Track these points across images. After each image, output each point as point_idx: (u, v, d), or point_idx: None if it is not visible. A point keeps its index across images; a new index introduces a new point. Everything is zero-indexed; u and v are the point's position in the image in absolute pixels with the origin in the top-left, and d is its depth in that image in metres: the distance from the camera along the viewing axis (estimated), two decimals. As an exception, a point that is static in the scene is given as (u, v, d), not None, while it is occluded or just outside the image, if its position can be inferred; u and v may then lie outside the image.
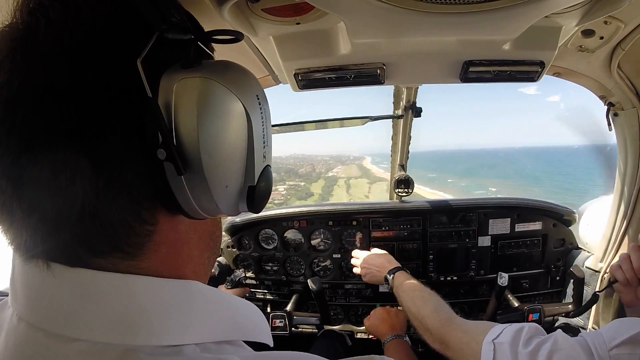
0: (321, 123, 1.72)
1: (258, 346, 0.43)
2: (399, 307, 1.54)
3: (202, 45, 0.40)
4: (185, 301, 0.38)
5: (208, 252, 0.45)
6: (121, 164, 0.32)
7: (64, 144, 0.31)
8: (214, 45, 0.45)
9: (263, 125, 0.39)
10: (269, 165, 0.41)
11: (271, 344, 0.46)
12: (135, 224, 0.34)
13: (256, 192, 0.39)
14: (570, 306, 1.47)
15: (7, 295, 0.39)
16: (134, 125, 0.33)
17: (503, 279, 1.44)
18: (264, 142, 0.39)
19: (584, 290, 1.46)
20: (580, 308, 1.41)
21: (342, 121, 1.76)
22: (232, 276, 1.63)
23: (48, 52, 0.31)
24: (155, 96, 0.33)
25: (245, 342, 0.43)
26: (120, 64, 0.32)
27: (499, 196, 1.78)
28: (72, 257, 0.33)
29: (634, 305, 0.90)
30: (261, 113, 0.38)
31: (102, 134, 0.32)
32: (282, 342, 1.58)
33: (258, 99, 0.38)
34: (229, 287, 1.60)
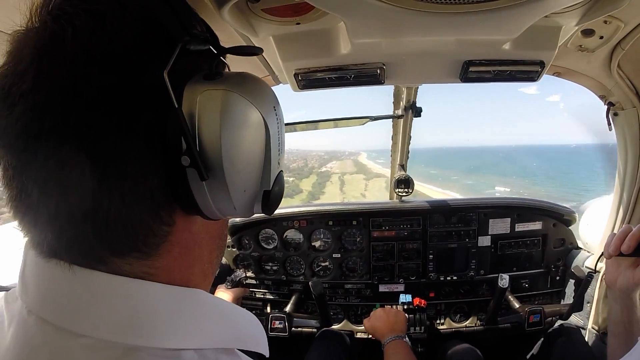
0: (320, 123, 1.72)
1: (254, 355, 0.45)
2: (398, 307, 1.54)
3: (222, 59, 0.41)
4: (188, 308, 0.39)
5: (217, 251, 0.47)
6: (145, 168, 0.34)
7: (91, 150, 0.32)
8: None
9: (279, 134, 0.41)
10: (282, 171, 0.43)
11: (267, 355, 0.48)
12: (154, 225, 0.36)
13: (271, 196, 0.42)
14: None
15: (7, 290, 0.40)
16: (158, 132, 0.34)
17: (504, 280, 1.44)
18: (279, 150, 0.41)
19: (584, 289, 1.46)
20: (574, 300, 1.41)
21: (341, 121, 1.76)
22: (232, 276, 1.63)
23: (75, 60, 0.32)
24: (180, 106, 0.35)
25: (242, 350, 0.44)
26: (145, 74, 0.34)
27: (499, 196, 1.79)
28: (91, 256, 0.35)
29: (612, 288, 0.91)
30: (277, 123, 0.41)
31: (128, 140, 0.33)
32: (281, 343, 1.58)
33: (275, 109, 0.40)
34: (229, 286, 1.60)
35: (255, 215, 0.43)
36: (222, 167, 0.36)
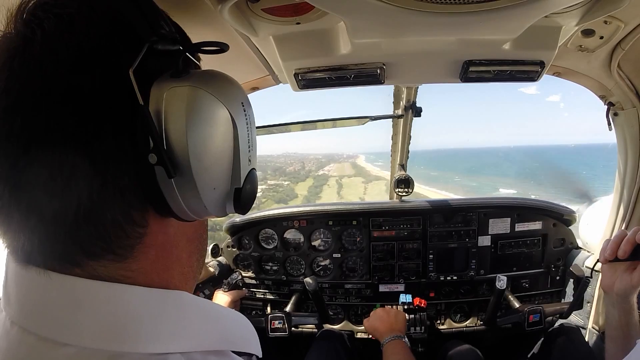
0: (320, 123, 1.72)
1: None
2: (398, 307, 1.54)
3: (189, 56, 0.42)
4: (171, 310, 0.39)
5: (196, 254, 0.46)
6: (114, 167, 0.34)
7: (60, 149, 0.32)
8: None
9: (248, 130, 0.41)
10: (254, 169, 0.43)
11: (260, 355, 0.47)
12: (126, 226, 0.36)
13: (242, 194, 0.41)
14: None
15: None
16: (126, 130, 0.34)
17: (501, 282, 1.44)
18: (249, 147, 0.41)
19: (584, 287, 1.46)
20: (573, 300, 1.41)
21: (341, 121, 1.76)
22: (228, 279, 1.63)
23: (44, 62, 0.32)
24: (147, 104, 0.35)
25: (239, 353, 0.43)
26: (113, 74, 0.34)
27: (499, 196, 1.80)
28: (66, 259, 0.35)
29: (609, 292, 0.90)
30: (246, 119, 0.40)
31: (96, 140, 0.33)
32: (282, 343, 1.58)
33: (243, 105, 0.40)
34: (226, 289, 1.60)
35: (256, 215, 0.43)
36: (190, 164, 0.36)
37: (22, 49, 0.33)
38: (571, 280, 1.60)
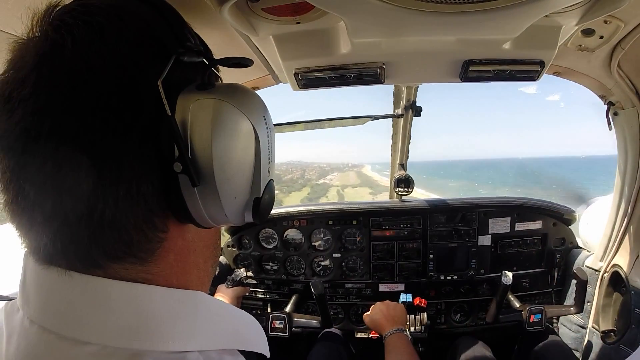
0: (320, 123, 1.72)
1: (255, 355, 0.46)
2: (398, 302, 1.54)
3: (213, 70, 0.43)
4: (191, 310, 0.40)
5: (211, 260, 0.48)
6: (139, 175, 0.35)
7: (88, 152, 0.33)
8: (213, 43, 0.46)
9: (269, 143, 0.42)
10: (272, 179, 0.45)
11: (268, 355, 0.49)
12: (148, 231, 0.37)
13: (261, 204, 0.43)
14: (572, 308, 1.47)
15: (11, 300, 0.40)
16: (152, 139, 0.36)
17: (507, 277, 1.43)
18: (269, 158, 0.43)
19: (586, 291, 1.46)
20: (576, 303, 1.41)
21: (341, 121, 1.76)
22: (233, 275, 1.63)
23: (75, 68, 0.33)
24: (173, 114, 0.36)
25: (241, 351, 0.45)
26: (141, 83, 0.35)
27: (499, 196, 1.81)
28: (88, 261, 0.35)
29: None
30: (267, 132, 0.42)
31: (123, 147, 0.34)
32: (281, 343, 1.58)
33: (265, 119, 0.42)
34: (230, 286, 1.60)
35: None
36: (213, 173, 0.37)
37: (51, 54, 0.33)
38: (573, 281, 1.60)
